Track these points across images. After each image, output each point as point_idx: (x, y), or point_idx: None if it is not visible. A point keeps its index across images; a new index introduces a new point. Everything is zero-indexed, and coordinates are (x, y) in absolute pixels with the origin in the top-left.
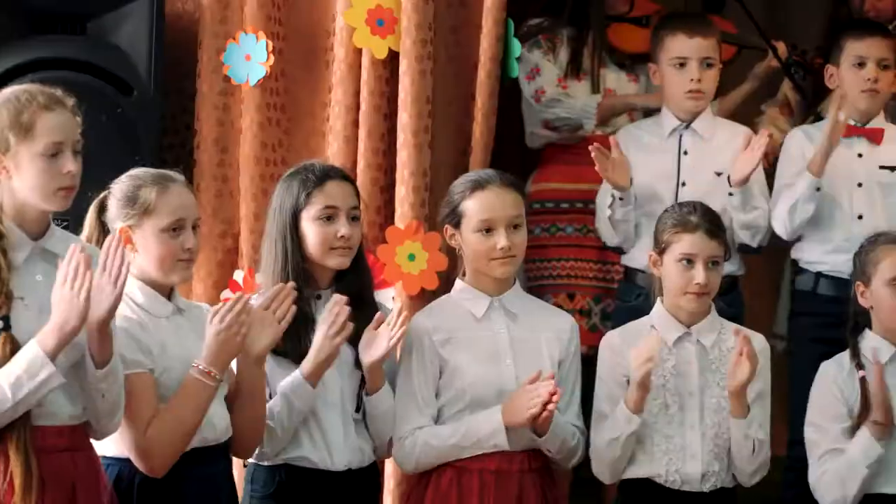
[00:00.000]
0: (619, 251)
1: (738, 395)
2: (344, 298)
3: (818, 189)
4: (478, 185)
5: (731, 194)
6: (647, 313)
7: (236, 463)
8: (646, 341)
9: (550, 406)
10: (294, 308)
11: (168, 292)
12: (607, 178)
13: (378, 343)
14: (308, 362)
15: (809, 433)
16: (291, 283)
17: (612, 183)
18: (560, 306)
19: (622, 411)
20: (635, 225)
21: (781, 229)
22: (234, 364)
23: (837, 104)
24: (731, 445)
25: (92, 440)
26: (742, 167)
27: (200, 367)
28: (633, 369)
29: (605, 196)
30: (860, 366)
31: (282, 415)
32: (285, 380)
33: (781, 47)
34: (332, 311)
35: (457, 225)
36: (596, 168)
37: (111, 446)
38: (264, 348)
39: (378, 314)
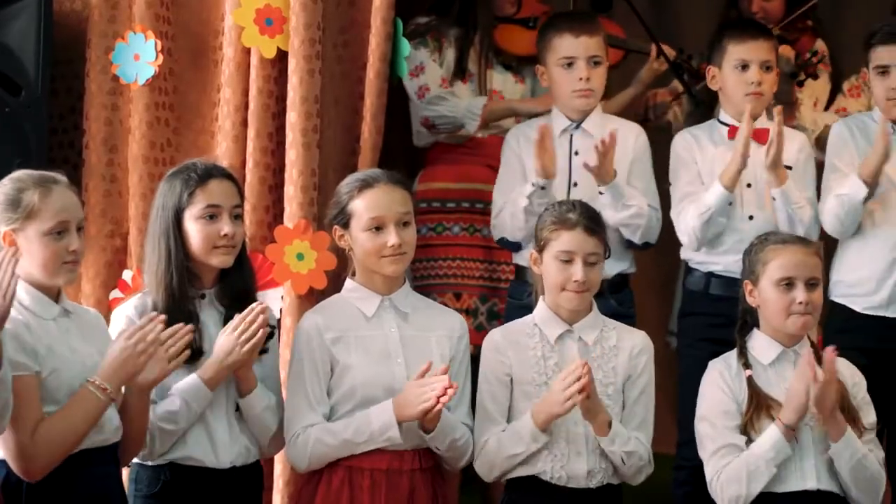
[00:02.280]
0: (515, 248)
1: (592, 416)
2: (265, 307)
3: (730, 203)
4: (366, 185)
5: (601, 193)
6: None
7: None
8: (567, 372)
9: (443, 399)
10: (188, 352)
11: (55, 294)
12: (540, 163)
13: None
14: (210, 367)
15: (701, 428)
16: (190, 326)
17: (543, 168)
18: (446, 305)
19: (530, 429)
20: None
21: (692, 241)
22: None
23: (748, 120)
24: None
25: None
26: (592, 160)
27: (97, 382)
28: (559, 402)
29: (518, 187)
30: (747, 365)
31: (179, 416)
32: (181, 383)
33: (668, 50)
34: (247, 318)
35: (346, 225)
36: (535, 151)
37: None
38: (150, 382)
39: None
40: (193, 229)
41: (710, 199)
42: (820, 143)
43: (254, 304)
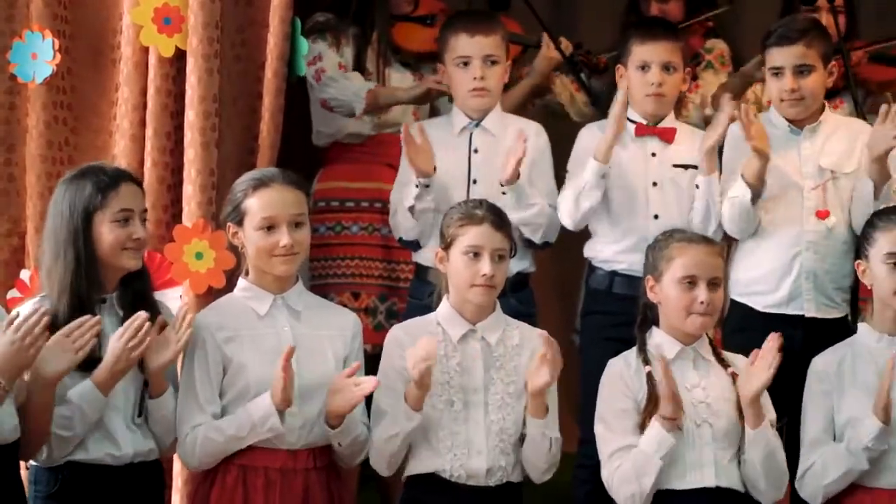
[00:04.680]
0: (415, 247)
1: (538, 396)
2: (145, 315)
3: (604, 176)
4: (260, 184)
5: (504, 193)
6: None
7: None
8: (422, 341)
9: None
10: (94, 341)
11: None
12: (413, 164)
13: (164, 347)
14: (102, 372)
15: (599, 429)
16: (98, 318)
17: (417, 168)
18: (345, 305)
19: (402, 408)
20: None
21: (567, 218)
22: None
23: (623, 96)
24: (528, 443)
25: None
26: (508, 165)
27: None
28: (409, 368)
29: (405, 187)
30: (646, 361)
31: (73, 422)
32: (76, 388)
33: (566, 44)
34: (133, 325)
35: (239, 223)
36: (403, 152)
37: None
38: (56, 373)
39: (160, 318)
40: (106, 232)
41: (585, 173)
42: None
43: (141, 314)
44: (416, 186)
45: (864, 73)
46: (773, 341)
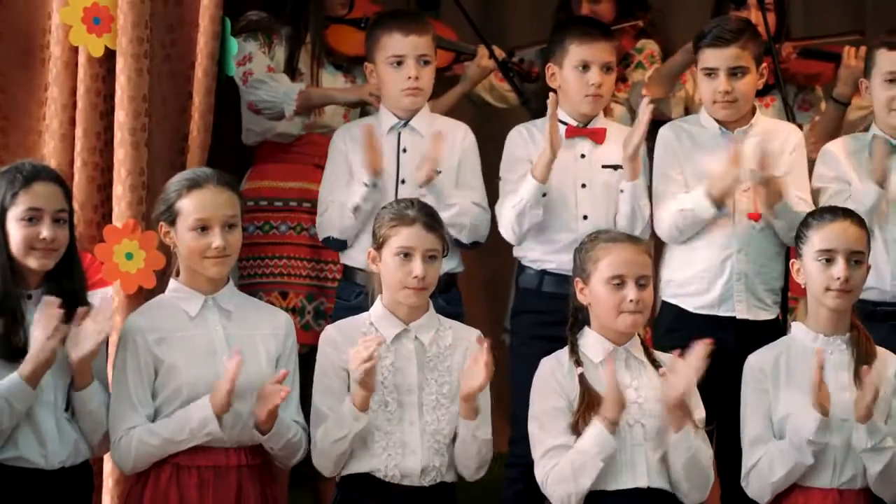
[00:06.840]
0: (341, 247)
1: (469, 399)
2: (55, 301)
3: (544, 194)
4: (194, 184)
5: (424, 194)
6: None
7: None
8: (363, 341)
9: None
10: None
11: None
12: (369, 164)
13: (84, 339)
14: (27, 364)
15: (533, 428)
16: None
17: (372, 168)
18: (273, 304)
19: (349, 409)
20: None
21: (510, 235)
22: None
23: (553, 109)
24: (458, 444)
25: None
26: (423, 166)
27: None
28: (352, 369)
29: (347, 187)
30: (578, 362)
31: (1, 416)
32: (3, 381)
33: (499, 52)
34: (45, 314)
35: (172, 222)
36: (364, 150)
37: None
38: None
39: (81, 309)
40: (14, 230)
41: (523, 191)
42: None
43: (46, 299)
44: (366, 186)
45: (794, 68)
46: (701, 348)
